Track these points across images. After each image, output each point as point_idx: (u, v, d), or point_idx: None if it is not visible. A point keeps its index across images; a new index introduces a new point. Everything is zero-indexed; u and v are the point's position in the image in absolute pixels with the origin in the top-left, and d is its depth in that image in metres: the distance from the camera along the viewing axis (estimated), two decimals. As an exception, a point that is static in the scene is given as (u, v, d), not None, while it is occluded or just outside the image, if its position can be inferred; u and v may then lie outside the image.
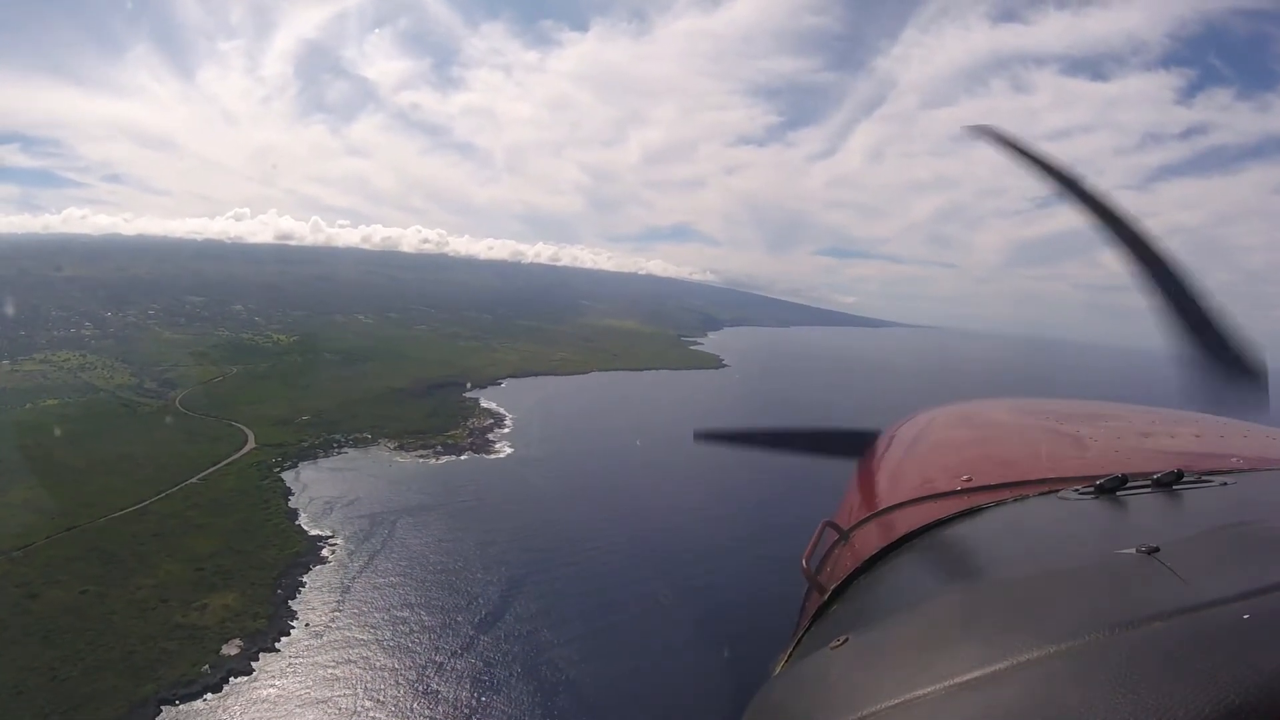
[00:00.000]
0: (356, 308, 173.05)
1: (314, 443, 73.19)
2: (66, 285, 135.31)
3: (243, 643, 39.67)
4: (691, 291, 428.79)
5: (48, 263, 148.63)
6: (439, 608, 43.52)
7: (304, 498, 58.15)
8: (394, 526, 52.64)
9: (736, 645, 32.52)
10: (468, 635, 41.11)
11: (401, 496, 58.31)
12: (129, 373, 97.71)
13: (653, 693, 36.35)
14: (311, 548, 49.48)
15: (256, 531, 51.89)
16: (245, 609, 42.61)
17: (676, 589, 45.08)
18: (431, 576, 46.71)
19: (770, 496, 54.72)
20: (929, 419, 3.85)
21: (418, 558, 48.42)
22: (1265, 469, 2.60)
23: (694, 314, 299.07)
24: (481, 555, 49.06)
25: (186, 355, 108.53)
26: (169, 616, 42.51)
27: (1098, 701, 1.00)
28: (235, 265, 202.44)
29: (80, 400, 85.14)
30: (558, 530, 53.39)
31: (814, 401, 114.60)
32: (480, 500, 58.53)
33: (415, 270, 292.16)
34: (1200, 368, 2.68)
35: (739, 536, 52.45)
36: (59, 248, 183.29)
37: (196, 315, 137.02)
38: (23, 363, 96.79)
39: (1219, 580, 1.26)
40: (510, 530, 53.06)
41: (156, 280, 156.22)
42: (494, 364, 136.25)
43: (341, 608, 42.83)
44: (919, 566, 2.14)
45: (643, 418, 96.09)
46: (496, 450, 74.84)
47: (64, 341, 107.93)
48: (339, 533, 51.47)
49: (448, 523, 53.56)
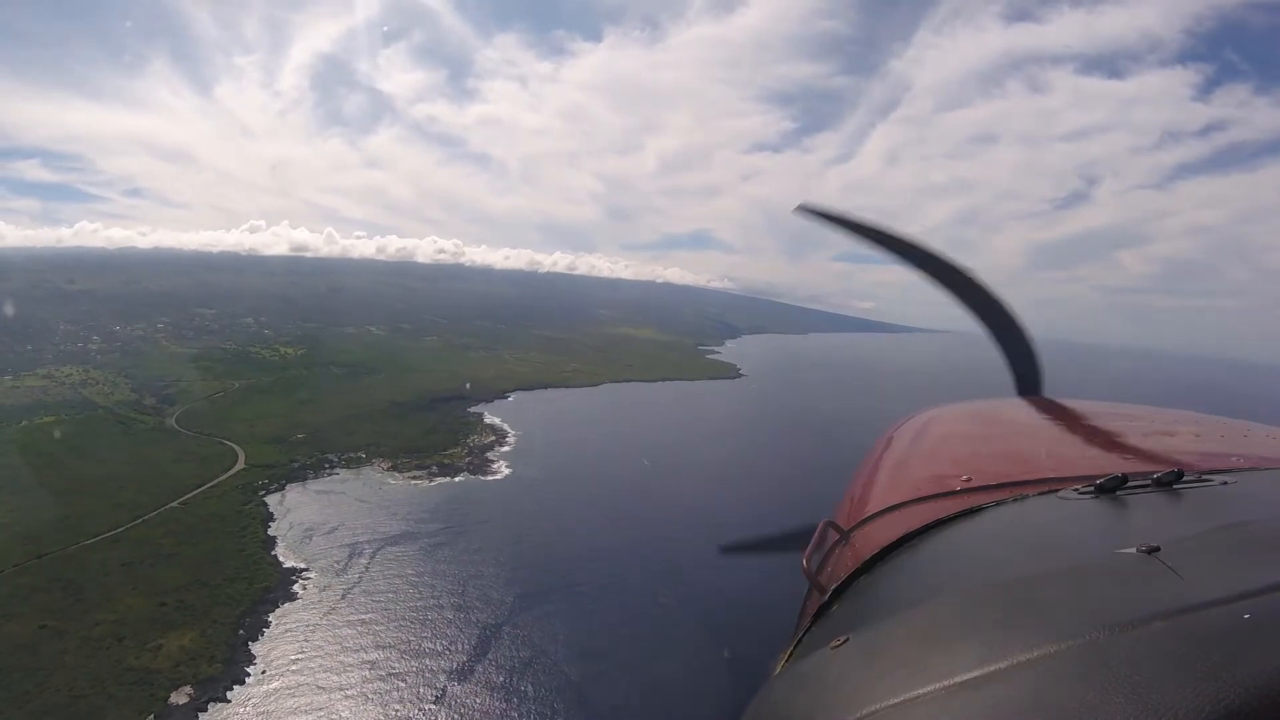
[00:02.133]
0: (368, 319, 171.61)
1: (305, 463, 70.26)
2: (78, 298, 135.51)
3: (193, 690, 36.23)
4: (709, 299, 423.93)
5: (61, 276, 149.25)
6: (412, 651, 39.67)
7: (284, 524, 54.91)
8: (373, 558, 49.02)
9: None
10: (440, 685, 37.18)
11: (386, 524, 54.71)
12: (130, 388, 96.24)
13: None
14: (283, 582, 46.04)
15: (228, 562, 48.67)
16: (202, 651, 39.21)
17: (677, 654, 40.19)
18: (408, 615, 42.91)
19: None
20: (928, 419, 3.82)
21: (394, 594, 44.68)
22: (1265, 469, 2.58)
23: (711, 322, 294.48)
24: (462, 592, 45.16)
25: (191, 369, 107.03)
26: (123, 657, 39.40)
27: (1098, 701, 1.00)
28: (249, 277, 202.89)
29: (77, 417, 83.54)
30: (549, 564, 49.22)
31: (832, 412, 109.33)
32: (469, 529, 54.61)
33: (430, 280, 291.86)
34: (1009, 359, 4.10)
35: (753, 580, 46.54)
36: (74, 261, 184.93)
37: (205, 328, 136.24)
38: (24, 377, 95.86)
39: (1219, 580, 1.26)
40: (497, 564, 49.11)
41: (168, 293, 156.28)
42: (504, 376, 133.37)
43: (305, 651, 39.18)
44: (919, 566, 2.11)
45: (653, 435, 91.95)
46: (494, 471, 71.05)
47: (69, 356, 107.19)
48: (314, 565, 47.97)
49: (430, 554, 49.75)
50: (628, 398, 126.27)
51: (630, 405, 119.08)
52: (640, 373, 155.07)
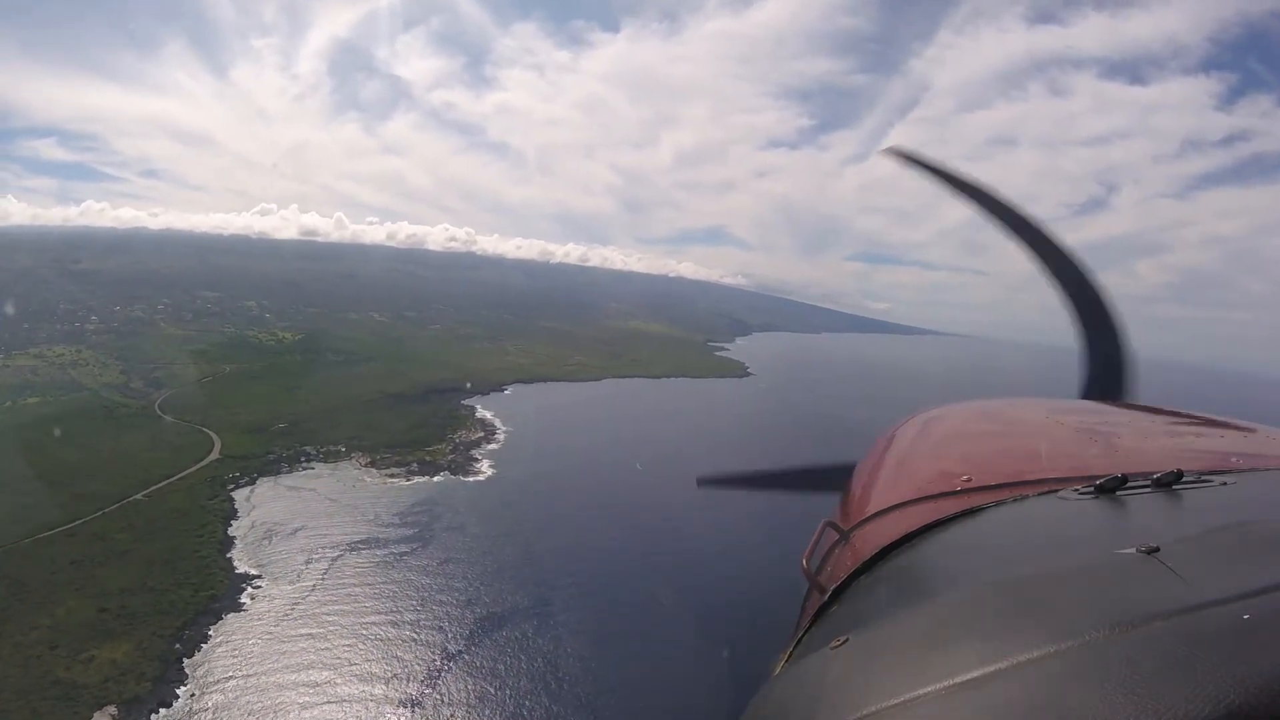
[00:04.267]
0: (373, 306, 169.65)
1: (282, 455, 67.74)
2: (81, 279, 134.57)
3: (116, 712, 33.54)
4: (722, 295, 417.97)
5: (68, 256, 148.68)
6: (357, 675, 36.66)
7: (246, 523, 52.23)
8: (330, 567, 46.09)
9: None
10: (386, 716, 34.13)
11: (351, 527, 51.76)
12: (118, 370, 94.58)
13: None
14: (232, 589, 43.29)
15: (179, 565, 46.05)
16: (133, 666, 36.50)
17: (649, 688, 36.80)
18: (359, 632, 39.90)
19: (788, 550, 46.02)
20: (928, 419, 3.78)
21: (347, 609, 41.68)
22: (1265, 469, 2.54)
23: (723, 318, 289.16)
24: (420, 610, 42.04)
25: (184, 352, 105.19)
26: (52, 667, 36.86)
27: (1098, 701, 1.00)
28: (257, 260, 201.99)
29: (61, 399, 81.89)
30: (518, 580, 45.90)
31: (837, 415, 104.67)
32: (438, 537, 51.46)
33: (440, 268, 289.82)
34: (1088, 355, 3.65)
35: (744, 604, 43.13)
36: (82, 240, 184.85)
37: (206, 311, 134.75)
38: (15, 357, 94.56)
39: (1219, 580, 1.25)
40: (463, 577, 45.93)
41: (173, 275, 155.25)
42: (504, 368, 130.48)
43: (242, 670, 36.33)
44: (919, 566, 2.11)
45: (650, 434, 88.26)
46: (476, 470, 67.93)
47: (64, 336, 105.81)
48: (267, 571, 45.16)
49: (392, 565, 46.68)
50: (628, 394, 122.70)
51: (629, 402, 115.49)
52: (645, 368, 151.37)
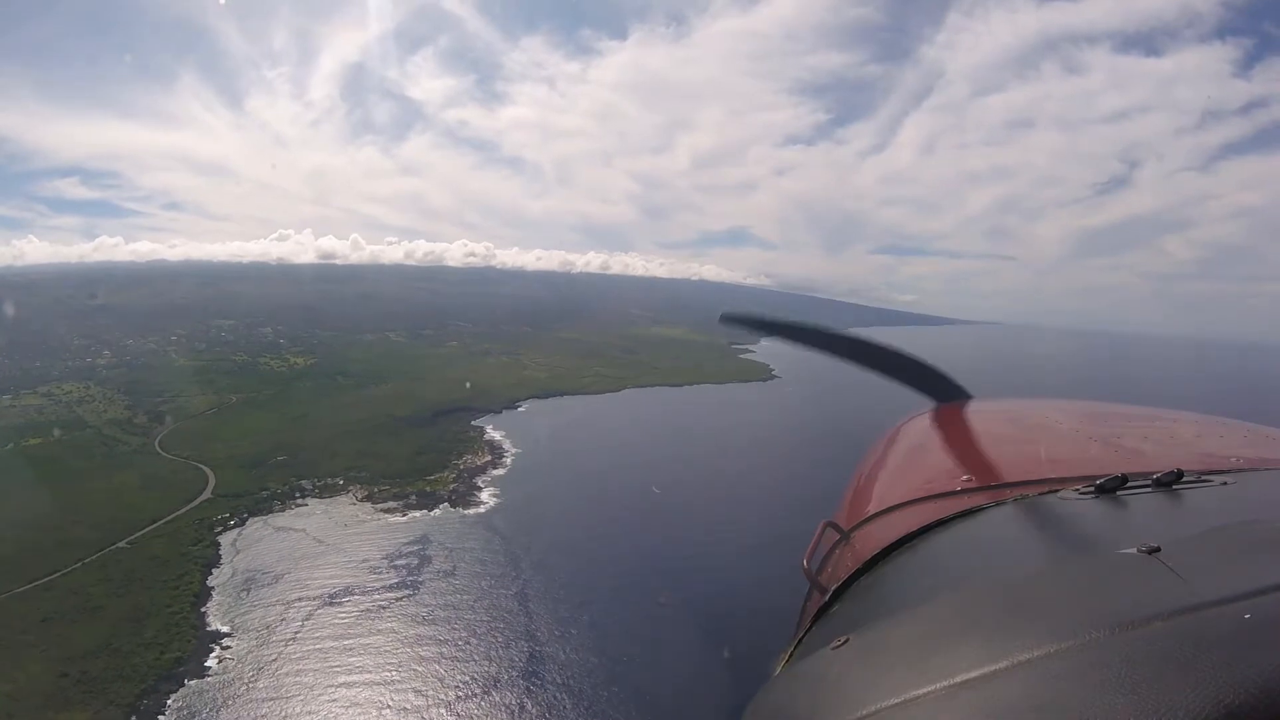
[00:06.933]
0: (390, 325, 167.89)
1: (276, 490, 64.29)
2: (96, 313, 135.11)
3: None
4: (746, 297, 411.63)
5: (84, 291, 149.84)
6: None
7: (227, 570, 48.46)
8: (307, 620, 41.81)
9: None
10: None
11: (335, 574, 47.47)
12: (124, 405, 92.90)
13: None
14: (199, 651, 39.31)
15: (150, 622, 42.34)
16: (82, 745, 32.64)
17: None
18: (330, 695, 35.42)
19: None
20: (929, 419, 3.81)
21: (316, 669, 37.27)
22: (1265, 469, 2.57)
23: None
24: (397, 670, 37.35)
25: (192, 383, 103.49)
26: (1, 746, 33.32)
27: (1098, 701, 0.99)
28: (274, 286, 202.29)
29: (62, 440, 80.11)
30: (509, 639, 40.73)
31: (872, 421, 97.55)
32: (427, 583, 46.60)
33: (460, 285, 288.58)
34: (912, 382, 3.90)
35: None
36: (102, 275, 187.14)
37: (219, 339, 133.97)
38: (24, 396, 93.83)
39: (1219, 580, 1.25)
40: (450, 630, 41.13)
41: (189, 305, 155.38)
42: (520, 383, 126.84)
43: (197, 751, 32.11)
44: (919, 566, 2.12)
45: (669, 451, 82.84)
46: (478, 501, 63.33)
47: (75, 372, 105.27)
48: (239, 628, 41.09)
49: (370, 619, 42.05)
50: (648, 405, 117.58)
51: (649, 413, 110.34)
52: (666, 376, 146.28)
